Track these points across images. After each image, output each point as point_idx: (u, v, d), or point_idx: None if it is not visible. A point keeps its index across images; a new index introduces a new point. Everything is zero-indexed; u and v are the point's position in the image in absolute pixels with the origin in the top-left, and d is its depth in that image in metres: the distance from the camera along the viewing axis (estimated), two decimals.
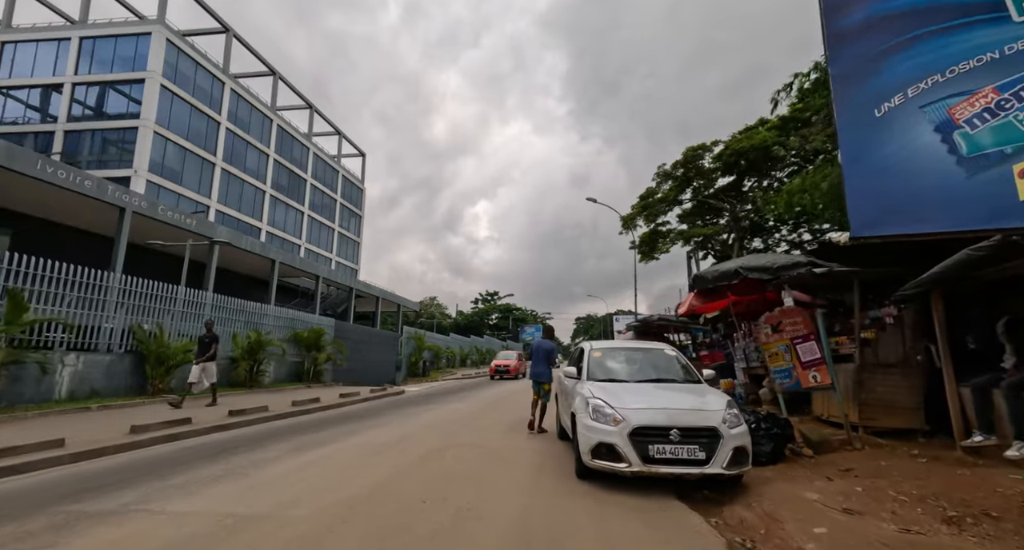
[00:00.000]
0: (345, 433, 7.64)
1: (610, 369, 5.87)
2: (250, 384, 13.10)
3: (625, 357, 6.09)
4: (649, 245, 25.84)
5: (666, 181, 23.98)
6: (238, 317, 13.95)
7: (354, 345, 21.31)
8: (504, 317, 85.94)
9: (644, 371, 5.76)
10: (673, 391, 5.16)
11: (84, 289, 9.93)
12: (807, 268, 6.54)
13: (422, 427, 8.41)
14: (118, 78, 31.39)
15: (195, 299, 12.59)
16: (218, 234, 27.09)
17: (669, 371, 5.78)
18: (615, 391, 5.10)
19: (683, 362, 5.94)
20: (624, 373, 5.73)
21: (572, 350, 46.69)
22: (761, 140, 20.28)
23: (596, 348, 6.30)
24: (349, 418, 9.57)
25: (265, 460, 5.66)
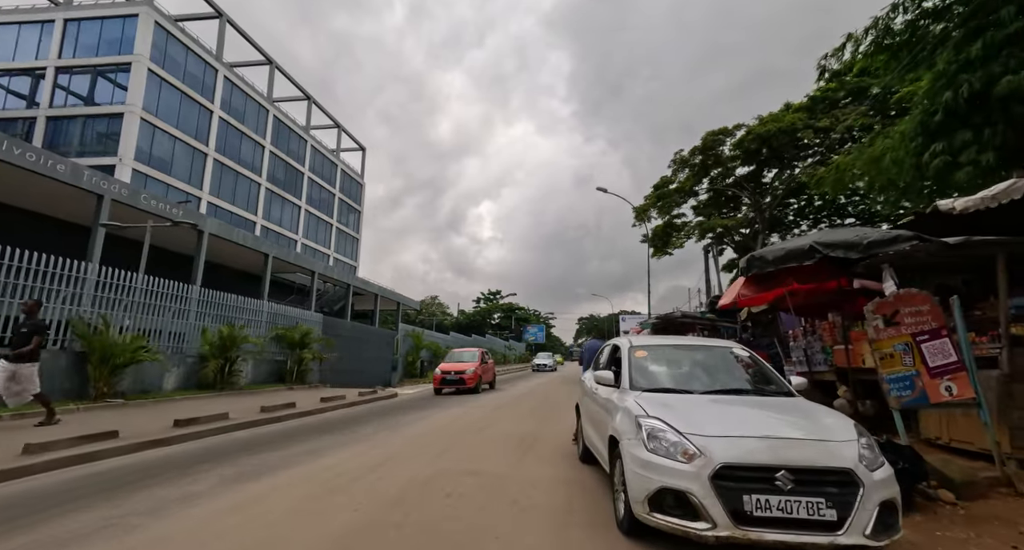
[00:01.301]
0: (307, 453, 6.03)
1: (661, 375, 4.26)
2: (221, 386, 11.52)
3: (680, 358, 4.47)
4: (662, 239, 24.21)
5: (683, 169, 22.35)
6: (210, 310, 12.38)
7: (346, 343, 19.74)
8: (507, 317, 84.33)
9: (710, 378, 4.14)
10: (765, 409, 3.53)
11: (10, 273, 8.37)
12: (913, 242, 4.92)
13: (409, 443, 6.80)
14: (103, 62, 29.92)
15: (158, 289, 11.03)
16: (207, 226, 25.65)
17: (745, 378, 4.17)
18: (677, 407, 3.49)
19: (764, 366, 4.32)
20: (682, 381, 4.12)
21: (574, 350, 44.42)
22: (789, 123, 18.64)
23: (638, 346, 4.68)
24: (323, 429, 7.96)
25: (175, 501, 4.04)
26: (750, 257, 6.49)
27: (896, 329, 4.23)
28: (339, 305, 42.24)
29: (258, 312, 14.20)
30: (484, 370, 16.05)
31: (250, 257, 29.02)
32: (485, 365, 16.38)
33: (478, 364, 15.63)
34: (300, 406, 10.06)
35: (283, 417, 8.94)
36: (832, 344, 6.75)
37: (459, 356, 16.77)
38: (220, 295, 12.78)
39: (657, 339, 5.13)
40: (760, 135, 19.64)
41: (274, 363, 14.46)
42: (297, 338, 14.43)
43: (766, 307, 8.54)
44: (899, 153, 9.74)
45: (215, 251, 26.93)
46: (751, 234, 22.65)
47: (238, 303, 13.36)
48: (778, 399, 3.77)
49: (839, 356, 6.54)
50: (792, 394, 3.90)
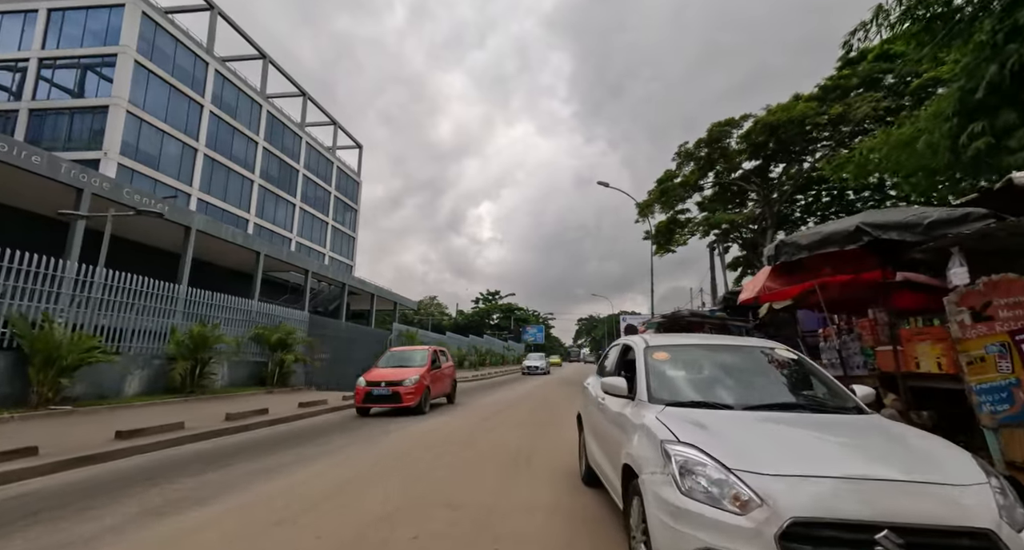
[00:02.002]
0: (261, 473, 5.09)
1: (689, 383, 3.33)
2: (191, 389, 10.58)
3: (711, 362, 3.55)
4: (666, 236, 23.30)
5: (687, 162, 21.44)
6: (181, 307, 11.46)
7: (336, 344, 18.83)
8: (505, 317, 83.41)
9: (752, 388, 3.21)
10: (836, 433, 2.60)
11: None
12: (990, 221, 4.01)
13: (383, 459, 5.87)
14: (88, 53, 29.00)
15: (121, 285, 10.10)
16: (194, 223, 24.74)
17: (797, 389, 3.25)
18: (717, 429, 2.58)
19: (819, 372, 3.40)
20: (716, 392, 3.19)
21: (573, 350, 42.53)
22: (800, 112, 17.73)
23: (657, 346, 3.75)
24: (290, 441, 7.02)
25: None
26: (780, 243, 5.57)
27: (988, 325, 3.32)
28: (334, 305, 41.32)
29: (238, 310, 13.28)
30: (435, 378, 11.18)
31: (241, 255, 28.12)
32: (437, 371, 11.47)
33: (425, 370, 10.72)
34: (274, 412, 9.13)
35: (250, 426, 8.01)
36: (874, 345, 5.82)
37: (399, 357, 11.60)
38: (193, 291, 11.85)
39: (679, 338, 4.21)
40: (769, 125, 18.73)
41: (254, 365, 13.54)
42: (276, 339, 13.50)
43: (790, 302, 7.61)
44: (933, 136, 8.84)
45: (204, 249, 26.02)
46: (759, 229, 21.72)
47: (214, 300, 12.44)
48: (848, 417, 2.84)
49: (884, 359, 5.61)
50: (863, 410, 2.98)
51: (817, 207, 26.56)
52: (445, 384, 12.11)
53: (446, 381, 12.20)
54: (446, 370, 12.35)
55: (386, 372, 10.49)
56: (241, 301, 13.41)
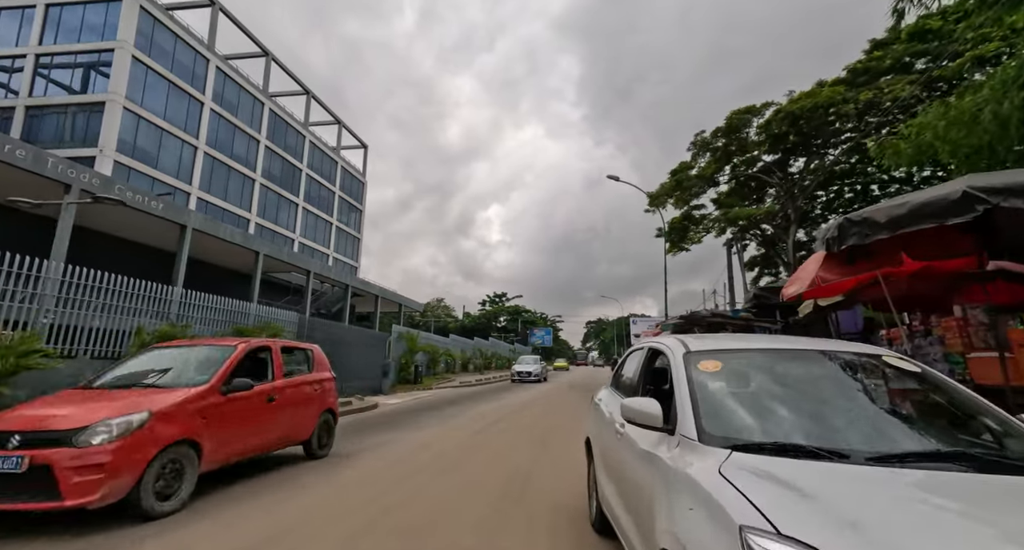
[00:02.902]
0: (166, 528, 3.90)
1: (762, 412, 2.14)
2: None
3: (790, 377, 2.35)
4: (679, 233, 22.02)
5: (703, 153, 20.16)
6: (148, 306, 10.44)
7: (330, 346, 17.77)
8: (513, 319, 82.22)
9: (868, 423, 2.01)
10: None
11: None
12: None
13: (336, 496, 4.65)
14: (85, 48, 28.40)
15: (75, 281, 9.10)
16: (191, 220, 23.93)
17: (943, 425, 2.06)
18: (840, 506, 1.40)
19: (969, 397, 2.19)
20: (810, 428, 1.99)
21: (581, 353, 39.80)
22: (826, 98, 16.41)
23: (701, 350, 2.54)
24: (236, 469, 5.86)
25: None
26: (846, 221, 4.37)
27: None
28: (337, 307, 40.43)
29: (218, 309, 12.24)
30: (248, 413, 5.08)
31: (240, 255, 27.25)
32: (264, 392, 5.36)
33: (202, 392, 4.59)
34: None
35: None
36: (964, 351, 4.60)
37: (154, 362, 5.41)
38: (164, 289, 10.83)
39: (731, 339, 3.01)
40: (792, 113, 17.42)
41: None
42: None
43: (840, 299, 6.37)
44: (1002, 106, 7.53)
45: (201, 248, 25.19)
46: (782, 225, 20.37)
47: (189, 298, 11.42)
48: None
49: (980, 368, 4.40)
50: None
51: (839, 204, 25.16)
52: (295, 419, 5.83)
53: (298, 413, 5.90)
54: (303, 389, 6.11)
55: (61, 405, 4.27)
56: (220, 300, 12.38)
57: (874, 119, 18.79)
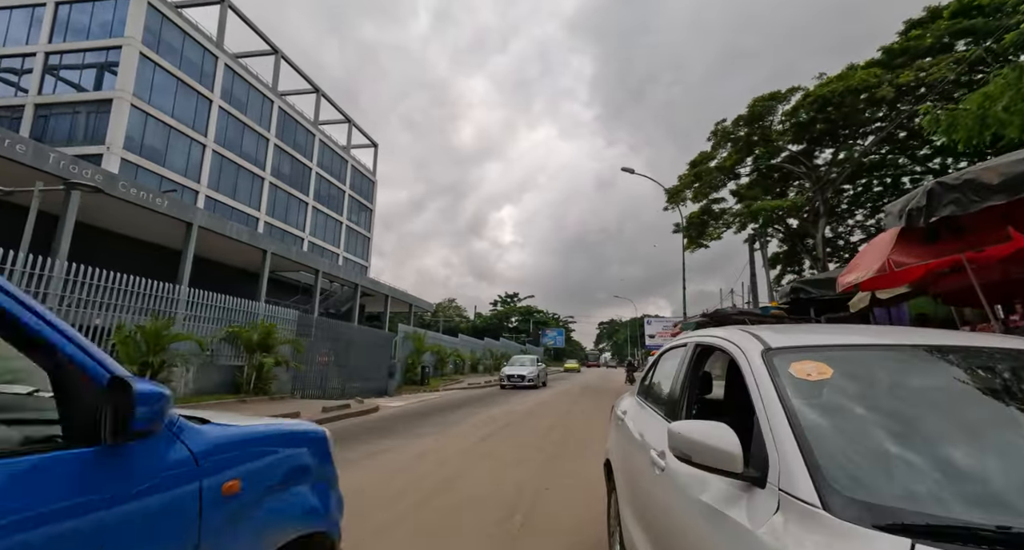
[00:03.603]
0: None
1: (926, 459, 1.23)
2: None
3: (946, 395, 1.43)
4: (698, 228, 20.93)
5: (724, 143, 19.04)
6: (133, 303, 9.81)
7: (335, 346, 17.12)
8: (524, 320, 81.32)
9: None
10: None
11: None
12: None
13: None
14: (93, 46, 28.27)
15: (48, 274, 8.49)
16: (197, 218, 23.55)
17: None
18: None
19: None
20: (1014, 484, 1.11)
21: (593, 353, 37.41)
22: (860, 81, 15.23)
23: (786, 347, 1.61)
24: None
25: None
26: (936, 186, 3.42)
27: None
28: (347, 306, 39.99)
29: (207, 306, 11.60)
30: None
31: (248, 254, 26.85)
32: None
33: None
34: None
35: None
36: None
37: None
38: (147, 283, 10.19)
39: (819, 331, 2.08)
40: (822, 98, 16.24)
41: (228, 369, 11.84)
42: (256, 338, 11.77)
43: (906, 290, 5.39)
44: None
45: (208, 246, 24.83)
46: (809, 218, 19.16)
47: (177, 294, 10.78)
48: None
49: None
50: None
51: (868, 198, 23.86)
52: None
53: None
54: None
55: None
56: (213, 296, 11.74)
57: (907, 107, 17.56)
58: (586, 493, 4.52)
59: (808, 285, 7.18)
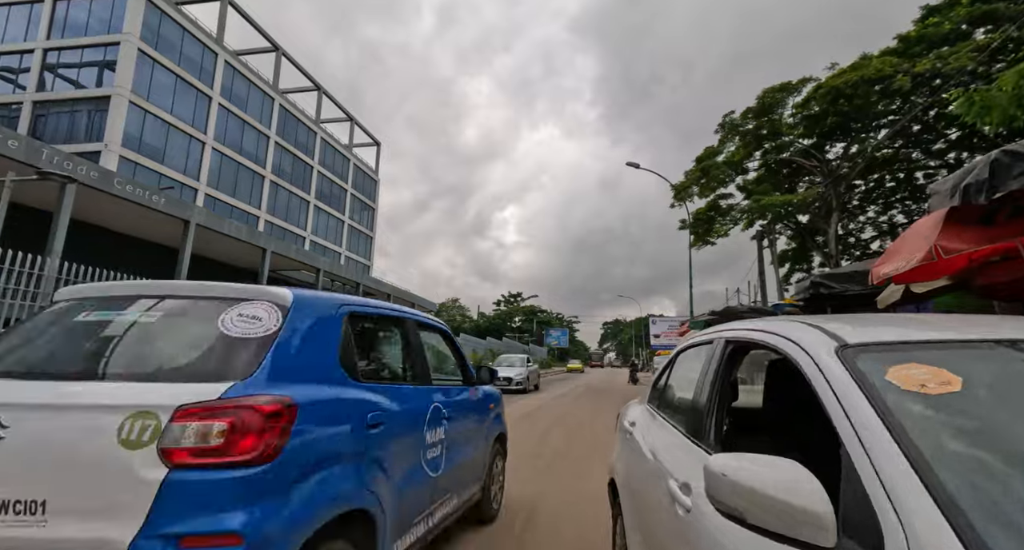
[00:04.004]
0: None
1: None
2: None
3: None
4: (705, 224, 20.35)
5: (732, 137, 18.45)
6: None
7: None
8: (528, 320, 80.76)
9: None
10: None
11: None
12: None
13: None
14: (91, 42, 27.98)
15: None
16: (195, 215, 23.17)
17: None
18: None
19: None
20: None
21: (597, 353, 36.17)
22: (875, 70, 14.61)
23: (873, 344, 1.11)
24: None
25: None
26: (1001, 155, 2.90)
27: None
28: None
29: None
30: None
31: (247, 252, 26.47)
32: None
33: None
34: None
35: None
36: None
37: None
38: (109, 277, 9.70)
39: (911, 323, 1.56)
40: (835, 89, 15.63)
41: None
42: None
43: (946, 282, 4.84)
44: None
45: (207, 245, 24.46)
46: (822, 213, 18.54)
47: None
48: None
49: None
50: None
51: (879, 194, 23.22)
52: None
53: None
54: None
55: None
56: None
57: (922, 100, 16.93)
58: None
59: (829, 279, 6.63)
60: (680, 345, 2.45)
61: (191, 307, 2.00)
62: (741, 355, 1.76)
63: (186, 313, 1.99)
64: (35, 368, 1.82)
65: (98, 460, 1.46)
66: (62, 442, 1.50)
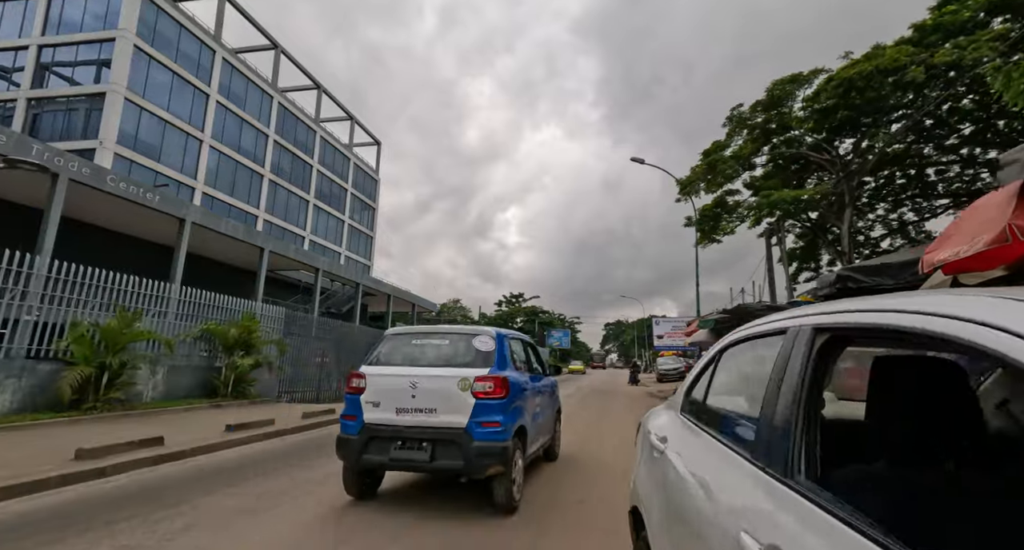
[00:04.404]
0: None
1: None
2: (93, 405, 7.91)
3: None
4: (711, 221, 19.79)
5: (740, 131, 17.89)
6: (88, 297, 8.87)
7: (326, 346, 16.20)
8: (529, 321, 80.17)
9: None
10: None
11: None
12: None
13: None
14: (86, 38, 27.59)
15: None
16: (191, 214, 22.70)
17: None
18: None
19: None
20: None
21: (598, 354, 36.37)
22: (891, 60, 14.05)
23: None
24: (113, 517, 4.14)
25: None
26: None
27: None
28: (348, 306, 39.12)
29: (178, 301, 10.66)
30: None
31: (245, 251, 25.99)
32: None
33: None
34: (172, 444, 6.34)
35: (108, 471, 5.19)
36: None
37: None
38: (103, 274, 9.23)
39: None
40: (847, 80, 15.07)
41: (204, 371, 10.89)
42: (234, 337, 10.82)
43: (1001, 273, 4.30)
44: None
45: (203, 244, 24.00)
46: (835, 208, 17.95)
47: (142, 289, 9.84)
48: None
49: None
50: None
51: (889, 191, 22.64)
52: None
53: None
54: None
55: None
56: (186, 291, 10.79)
57: (935, 93, 16.36)
58: None
59: (858, 273, 6.05)
60: (727, 338, 1.93)
61: (459, 337, 4.71)
62: (838, 349, 1.24)
63: (459, 339, 4.70)
64: (409, 362, 4.58)
65: (452, 394, 4.16)
66: (439, 388, 4.21)
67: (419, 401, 4.18)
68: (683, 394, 2.19)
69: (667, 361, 33.89)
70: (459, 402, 4.12)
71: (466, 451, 3.95)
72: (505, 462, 4.00)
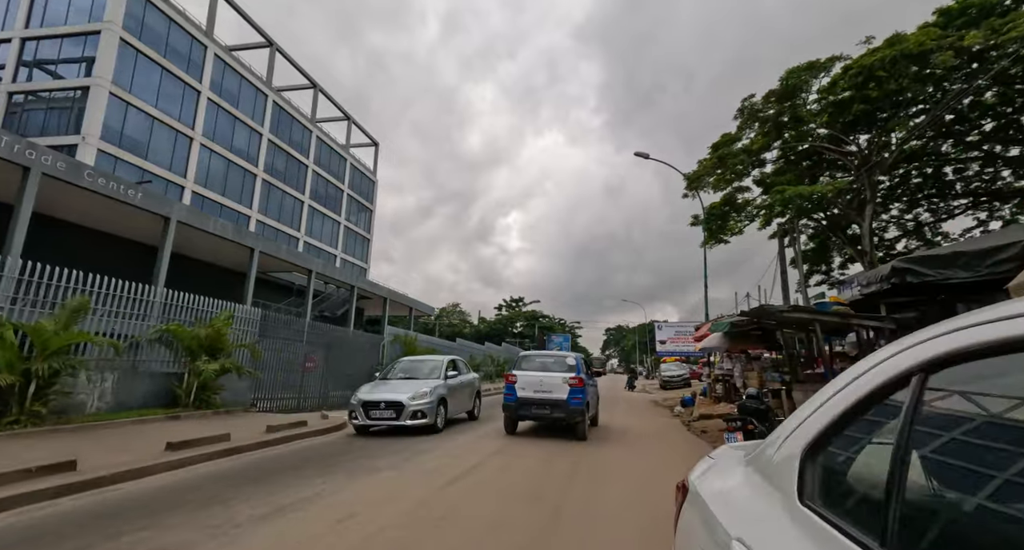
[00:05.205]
0: None
1: None
2: (16, 419, 6.84)
3: None
4: (719, 219, 18.74)
5: (751, 123, 16.86)
6: (57, 299, 7.82)
7: (313, 350, 15.12)
8: (529, 325, 79.03)
9: None
10: None
11: None
12: None
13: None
14: (70, 31, 26.70)
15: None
16: (175, 212, 21.71)
17: None
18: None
19: None
20: None
21: (598, 360, 36.37)
22: (916, 44, 13.03)
23: None
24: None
25: None
26: None
27: None
28: (343, 309, 38.06)
29: (136, 301, 9.58)
30: None
31: (234, 252, 24.98)
32: None
33: None
34: (87, 469, 5.26)
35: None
36: None
37: None
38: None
39: None
40: (867, 68, 14.04)
41: (165, 378, 9.81)
42: (199, 339, 9.75)
43: None
44: None
45: (190, 244, 23.00)
46: (854, 205, 16.91)
47: (119, 291, 8.78)
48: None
49: None
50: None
51: (904, 190, 21.59)
52: None
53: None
54: None
55: None
56: (145, 290, 9.73)
57: (957, 86, 15.35)
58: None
59: (921, 264, 4.97)
60: (934, 344, 0.86)
61: (561, 357, 10.14)
62: None
63: (561, 358, 10.10)
64: (537, 368, 9.58)
65: (559, 385, 9.06)
66: (553, 381, 9.11)
67: (544, 387, 8.89)
68: (774, 448, 1.10)
69: (671, 367, 32.85)
70: (562, 387, 8.80)
71: (565, 409, 8.71)
72: (582, 415, 8.79)
